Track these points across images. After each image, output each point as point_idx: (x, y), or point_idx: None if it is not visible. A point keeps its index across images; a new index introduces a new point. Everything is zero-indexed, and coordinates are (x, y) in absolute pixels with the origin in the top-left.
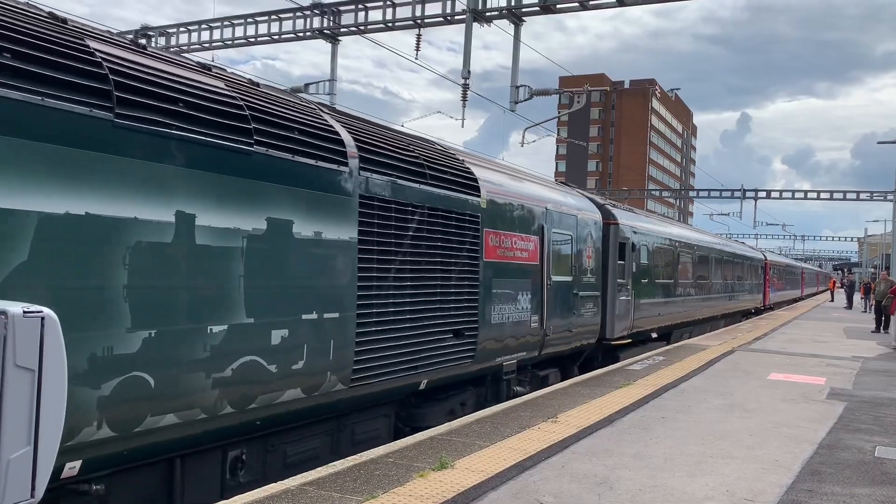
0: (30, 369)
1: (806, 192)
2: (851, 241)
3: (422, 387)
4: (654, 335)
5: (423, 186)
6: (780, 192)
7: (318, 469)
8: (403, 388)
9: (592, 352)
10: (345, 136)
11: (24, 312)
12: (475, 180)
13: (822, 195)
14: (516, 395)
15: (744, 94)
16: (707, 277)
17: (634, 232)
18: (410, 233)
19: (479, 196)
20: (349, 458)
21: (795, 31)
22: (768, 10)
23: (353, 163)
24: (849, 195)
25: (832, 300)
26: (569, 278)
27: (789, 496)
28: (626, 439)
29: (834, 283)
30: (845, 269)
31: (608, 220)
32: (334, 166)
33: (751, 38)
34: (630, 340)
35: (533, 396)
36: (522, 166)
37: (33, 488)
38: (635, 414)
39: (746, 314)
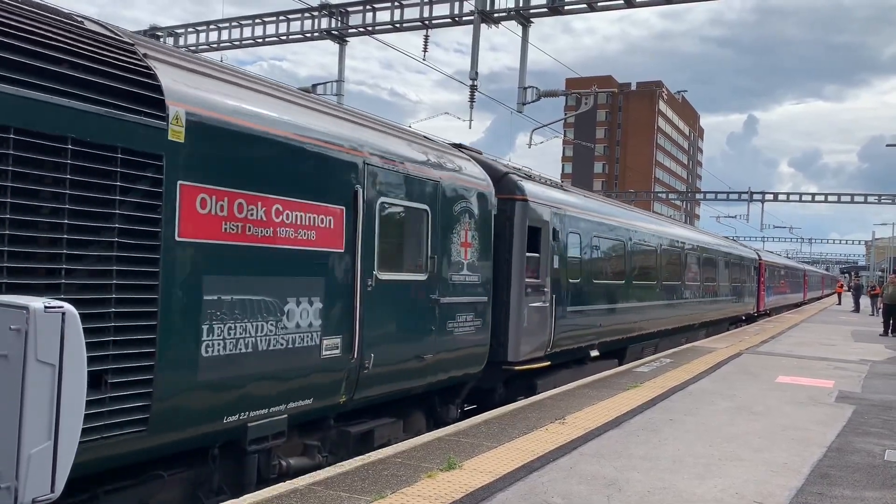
0: (50, 364)
1: (813, 194)
2: (859, 244)
3: None
4: (594, 353)
5: None
6: (787, 194)
7: (327, 469)
8: None
9: (484, 383)
10: None
11: (46, 308)
12: (146, 83)
13: (830, 198)
14: (284, 472)
15: (751, 97)
16: (679, 278)
17: (558, 214)
18: None
19: (161, 115)
20: (357, 458)
21: (804, 34)
22: (776, 12)
23: None
24: (856, 198)
25: (839, 304)
26: (418, 276)
27: (799, 499)
28: (634, 441)
29: (841, 286)
30: (852, 273)
31: (510, 195)
32: None
33: (758, 40)
34: (549, 363)
35: (540, 398)
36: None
37: (53, 483)
38: (643, 416)
39: (736, 321)
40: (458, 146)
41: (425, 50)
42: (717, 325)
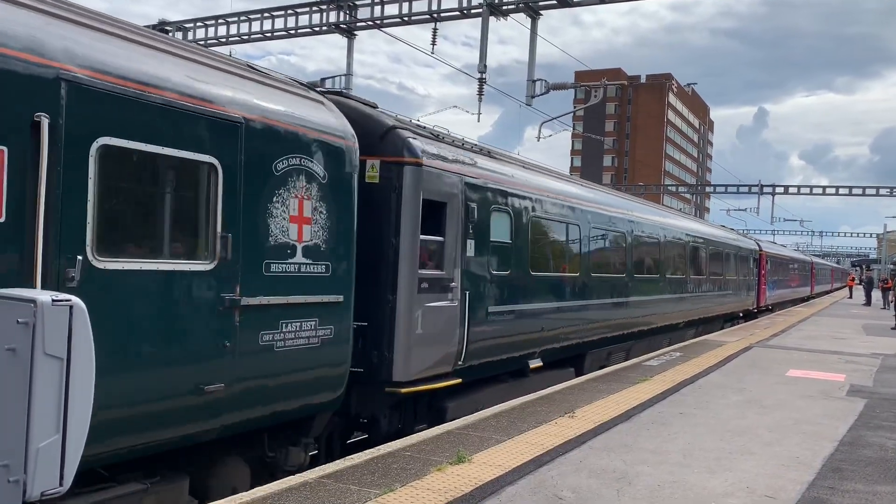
0: (58, 358)
1: (824, 187)
2: (871, 237)
3: None
4: (535, 363)
5: None
6: (798, 187)
7: (336, 462)
8: None
9: (362, 410)
10: None
11: (53, 301)
12: None
13: (841, 191)
14: None
15: (761, 89)
16: (657, 270)
17: (477, 186)
18: None
19: None
20: (367, 451)
21: (815, 25)
22: (787, 3)
23: None
24: (868, 191)
25: (850, 297)
26: (195, 265)
27: (810, 493)
28: (644, 435)
29: (853, 279)
30: (864, 266)
31: (396, 157)
32: None
33: (769, 32)
34: (459, 381)
35: (549, 392)
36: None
37: (62, 476)
38: (653, 409)
39: (732, 319)
40: (315, 86)
41: (433, 43)
42: (708, 323)
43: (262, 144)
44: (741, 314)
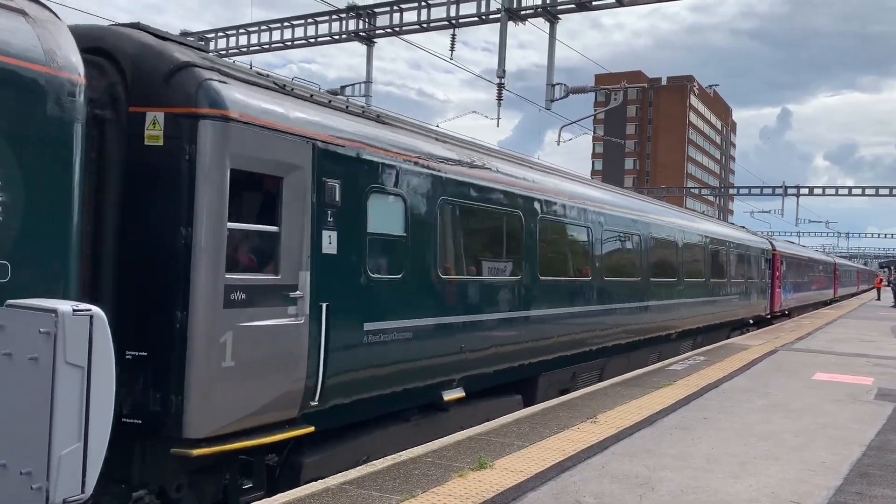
0: (79, 366)
1: (850, 188)
2: None
3: None
4: (453, 394)
5: None
6: (823, 188)
7: (358, 468)
8: None
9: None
10: None
11: (74, 311)
12: None
13: (867, 191)
14: None
15: (784, 90)
16: (638, 272)
17: (335, 155)
18: None
19: None
20: (388, 457)
21: (838, 25)
22: (809, 3)
23: None
24: (895, 191)
25: (878, 299)
26: None
27: (837, 498)
28: (667, 440)
29: (880, 281)
30: (892, 267)
31: (189, 108)
32: None
33: (791, 32)
34: (312, 428)
35: (571, 397)
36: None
37: (84, 484)
38: (676, 414)
39: (741, 327)
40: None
41: (452, 49)
42: (710, 332)
43: None
44: (751, 321)
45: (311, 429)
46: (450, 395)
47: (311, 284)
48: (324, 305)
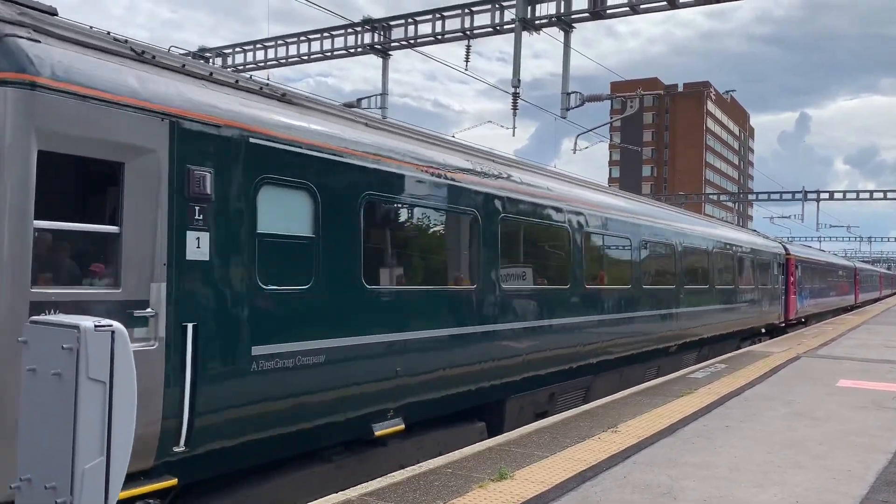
0: (101, 381)
1: (871, 192)
2: None
3: None
4: (391, 425)
5: None
6: (844, 192)
7: (378, 479)
8: None
9: None
10: None
11: (96, 327)
12: None
13: (889, 195)
14: None
15: (802, 94)
16: (625, 276)
17: (200, 135)
18: None
19: None
20: (408, 468)
21: (856, 27)
22: (826, 6)
23: None
24: None
25: None
26: None
27: None
28: (689, 449)
29: None
30: None
31: None
32: None
33: (808, 36)
34: (174, 481)
35: (591, 406)
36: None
37: (107, 498)
38: (698, 423)
39: (752, 336)
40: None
41: (467, 60)
42: (715, 344)
43: None
44: (763, 330)
45: (173, 482)
46: (383, 429)
47: (170, 300)
48: (189, 326)
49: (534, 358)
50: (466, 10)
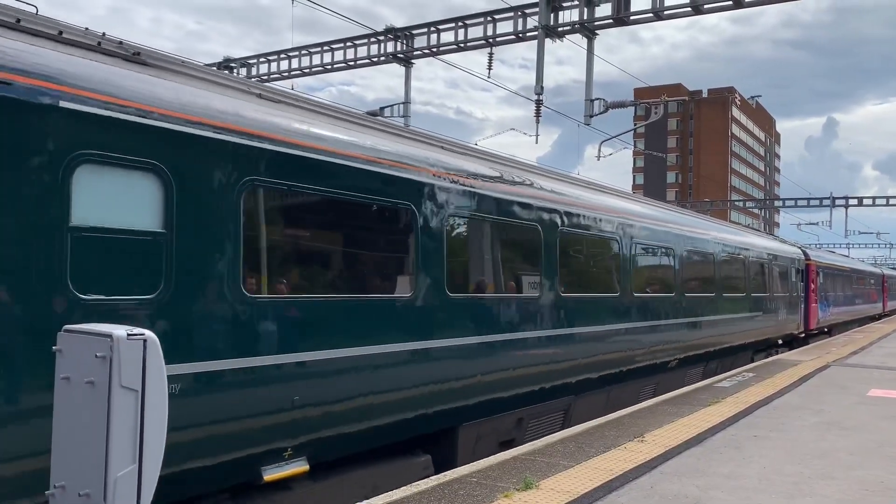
0: (133, 390)
1: None
2: None
3: None
4: (293, 466)
5: None
6: (873, 198)
7: (403, 489)
8: None
9: None
10: None
11: (128, 335)
12: None
13: None
14: None
15: (830, 99)
16: (611, 283)
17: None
18: None
19: None
20: (432, 477)
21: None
22: (853, 10)
23: None
24: None
25: None
26: None
27: None
28: (717, 459)
29: None
30: None
31: None
32: None
33: (835, 40)
34: None
35: (618, 415)
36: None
37: None
38: (726, 432)
39: (768, 348)
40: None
41: (490, 67)
42: (725, 357)
43: None
44: (780, 341)
45: None
46: (276, 472)
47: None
48: None
49: (490, 380)
50: (489, 18)
